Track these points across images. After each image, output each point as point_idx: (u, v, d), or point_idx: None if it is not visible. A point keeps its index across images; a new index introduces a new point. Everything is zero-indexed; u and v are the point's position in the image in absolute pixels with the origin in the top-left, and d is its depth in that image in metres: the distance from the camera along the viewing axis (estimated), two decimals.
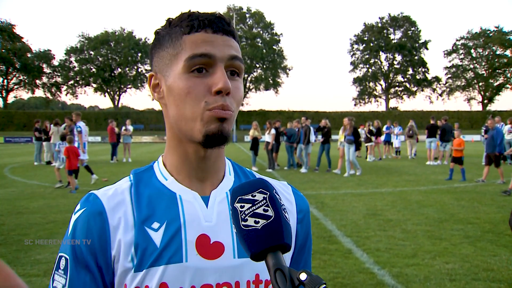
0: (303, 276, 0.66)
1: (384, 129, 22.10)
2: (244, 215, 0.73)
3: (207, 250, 0.90)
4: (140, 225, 0.91)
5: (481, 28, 69.39)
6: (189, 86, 0.88)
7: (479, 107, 69.21)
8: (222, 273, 0.90)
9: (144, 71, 66.91)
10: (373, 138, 20.40)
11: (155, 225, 0.91)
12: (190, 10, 0.95)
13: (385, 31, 70.74)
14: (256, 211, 0.73)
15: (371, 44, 70.03)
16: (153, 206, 0.93)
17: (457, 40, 71.04)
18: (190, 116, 0.89)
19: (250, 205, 0.73)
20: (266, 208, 0.73)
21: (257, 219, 0.72)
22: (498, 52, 67.57)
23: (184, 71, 0.89)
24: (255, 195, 0.74)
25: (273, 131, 15.60)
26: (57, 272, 0.91)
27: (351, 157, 13.85)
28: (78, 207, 0.94)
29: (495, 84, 68.61)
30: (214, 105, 0.87)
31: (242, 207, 0.73)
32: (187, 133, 0.91)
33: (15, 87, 64.97)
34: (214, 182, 0.98)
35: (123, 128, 20.67)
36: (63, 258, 0.90)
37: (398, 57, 70.71)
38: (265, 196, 0.74)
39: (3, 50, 61.26)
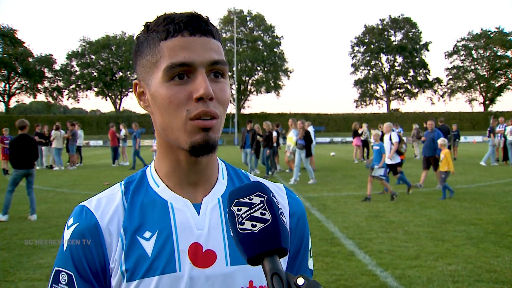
0: (300, 281, 0.65)
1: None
2: (241, 219, 0.72)
3: (199, 258, 0.89)
4: (132, 235, 0.90)
5: (481, 29, 69.67)
6: (170, 95, 0.86)
7: (480, 108, 69.19)
8: (215, 281, 0.89)
9: None
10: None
11: (147, 234, 0.90)
12: (165, 13, 0.91)
13: (385, 33, 70.75)
14: (253, 214, 0.72)
15: (372, 46, 70.04)
16: (144, 214, 0.93)
17: (458, 41, 71.07)
18: (175, 126, 0.87)
19: (247, 208, 0.72)
20: (263, 211, 0.72)
21: (254, 223, 0.71)
22: (499, 53, 67.54)
23: (164, 79, 0.87)
24: (252, 198, 0.73)
25: (274, 133, 15.58)
26: (57, 286, 0.89)
27: (304, 164, 13.06)
28: (71, 221, 0.93)
29: (497, 85, 68.55)
30: (196, 113, 0.85)
31: (239, 210, 0.72)
32: (174, 142, 0.90)
33: (17, 91, 65.13)
34: (207, 187, 0.97)
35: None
36: (63, 273, 0.89)
37: (399, 59, 70.69)
38: (263, 199, 0.73)
39: (5, 55, 61.46)
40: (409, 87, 71.35)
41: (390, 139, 10.70)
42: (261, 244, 0.70)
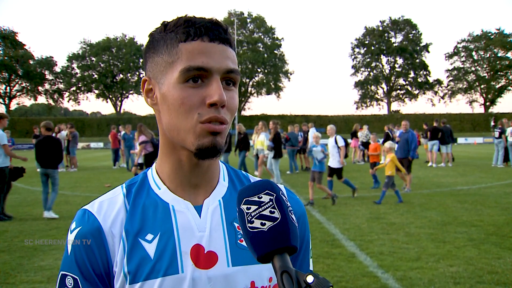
0: (310, 279, 0.65)
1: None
2: (250, 217, 0.72)
3: (201, 260, 0.90)
4: (134, 237, 0.91)
5: (482, 31, 69.50)
6: (183, 96, 0.86)
7: (481, 110, 69.13)
8: (217, 282, 0.89)
9: None
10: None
11: (149, 236, 0.91)
12: (186, 15, 0.92)
13: (386, 34, 70.75)
14: (262, 213, 0.72)
15: (372, 48, 70.04)
16: (146, 217, 0.93)
17: (458, 42, 71.08)
18: (183, 128, 0.88)
19: (257, 207, 0.73)
20: (272, 210, 0.73)
21: (263, 221, 0.72)
22: (499, 54, 67.52)
23: (179, 81, 0.87)
24: (261, 197, 0.74)
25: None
26: None
27: (267, 165, 12.91)
28: (73, 225, 0.94)
29: (497, 86, 68.50)
30: (207, 117, 0.86)
31: (248, 209, 0.73)
32: (180, 143, 0.91)
33: (18, 94, 65.14)
34: (208, 189, 0.98)
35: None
36: (69, 277, 0.90)
37: (400, 60, 70.68)
38: (272, 197, 0.74)
39: (6, 58, 61.50)
40: (409, 88, 71.31)
41: (336, 142, 10.35)
42: (270, 243, 0.71)
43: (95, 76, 66.57)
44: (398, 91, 72.05)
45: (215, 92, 0.85)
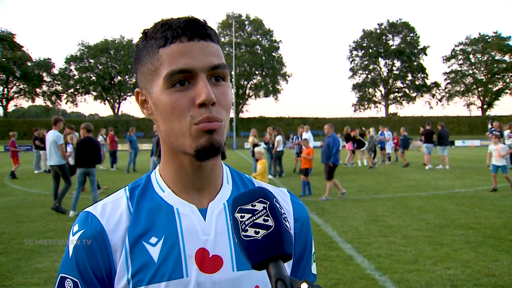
0: (304, 286, 0.66)
1: (378, 135, 22.10)
2: (244, 226, 0.72)
3: (206, 264, 0.89)
4: (138, 240, 0.90)
5: (479, 34, 69.74)
6: (172, 101, 0.86)
7: (478, 112, 69.34)
8: (222, 286, 0.89)
9: None
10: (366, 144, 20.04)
11: (153, 239, 0.90)
12: (162, 19, 0.90)
13: (384, 37, 70.95)
14: (256, 221, 0.72)
15: (370, 50, 70.21)
16: (150, 220, 0.92)
17: (456, 45, 71.37)
18: (179, 132, 0.87)
19: (250, 215, 0.73)
20: (266, 218, 0.72)
21: (257, 230, 0.71)
22: (496, 58, 67.88)
23: (165, 87, 0.86)
24: (255, 205, 0.74)
25: (278, 138, 15.50)
26: None
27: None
28: (76, 227, 0.92)
29: (494, 89, 68.81)
30: (200, 119, 0.85)
31: (242, 217, 0.73)
32: (179, 148, 0.90)
33: (15, 95, 65.10)
34: (212, 192, 0.97)
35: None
36: (68, 280, 0.89)
37: (397, 63, 70.88)
38: (265, 205, 0.74)
39: (4, 59, 61.47)
40: (407, 91, 71.50)
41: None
42: (264, 251, 0.70)
43: (93, 78, 66.54)
44: (396, 94, 72.24)
45: (201, 91, 0.84)
